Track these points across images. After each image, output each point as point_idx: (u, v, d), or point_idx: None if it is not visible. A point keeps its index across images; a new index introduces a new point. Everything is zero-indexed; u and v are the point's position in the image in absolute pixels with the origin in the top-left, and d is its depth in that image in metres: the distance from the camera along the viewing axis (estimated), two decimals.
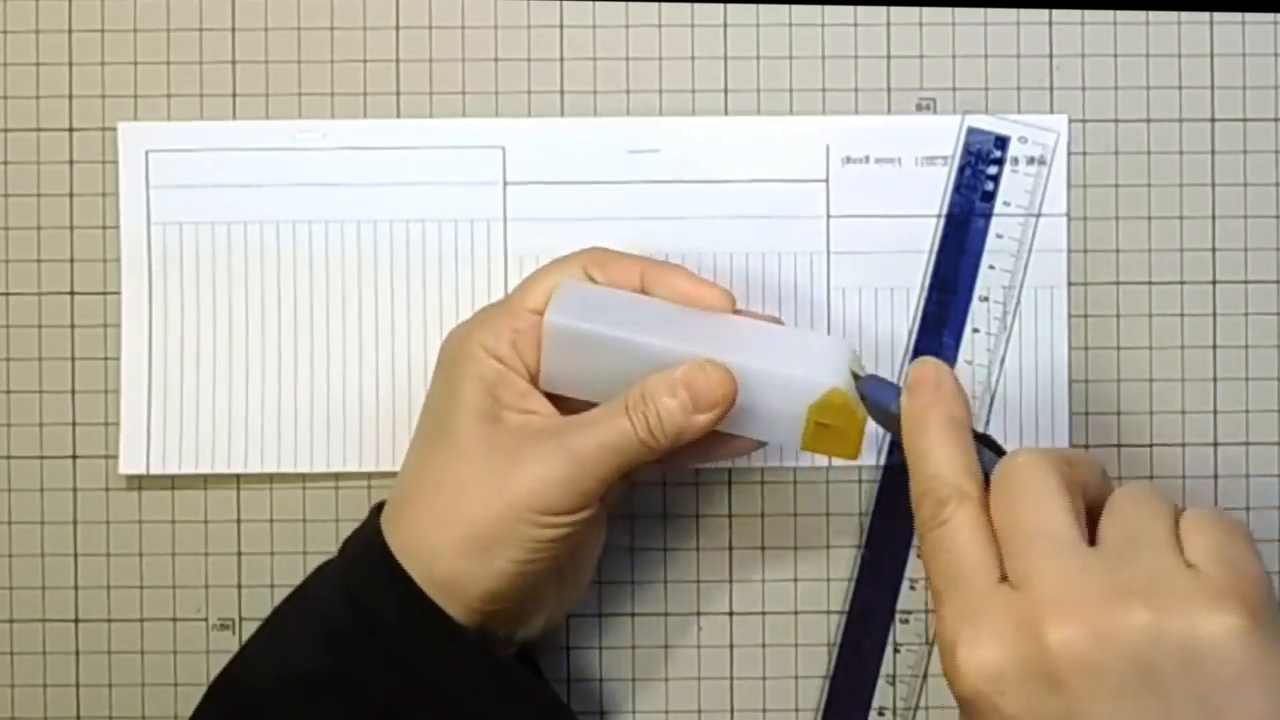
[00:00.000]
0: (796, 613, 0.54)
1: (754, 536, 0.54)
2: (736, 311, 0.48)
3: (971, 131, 0.54)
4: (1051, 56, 0.54)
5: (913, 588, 0.54)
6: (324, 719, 0.46)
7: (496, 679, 0.47)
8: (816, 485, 0.54)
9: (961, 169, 0.54)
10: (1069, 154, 0.54)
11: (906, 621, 0.54)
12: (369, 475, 0.54)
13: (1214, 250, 0.54)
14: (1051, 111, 0.54)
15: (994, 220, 0.54)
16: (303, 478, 0.54)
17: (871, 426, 0.47)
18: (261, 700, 0.47)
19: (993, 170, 0.54)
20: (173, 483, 0.54)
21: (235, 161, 0.54)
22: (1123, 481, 0.53)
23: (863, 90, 0.54)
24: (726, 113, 0.54)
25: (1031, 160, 0.54)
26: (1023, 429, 0.54)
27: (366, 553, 0.48)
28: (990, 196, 0.53)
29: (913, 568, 0.53)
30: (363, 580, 0.47)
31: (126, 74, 0.54)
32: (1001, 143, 0.54)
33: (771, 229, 0.54)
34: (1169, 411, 0.54)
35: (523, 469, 0.46)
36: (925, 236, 0.54)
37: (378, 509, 0.49)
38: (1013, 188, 0.53)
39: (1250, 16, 0.54)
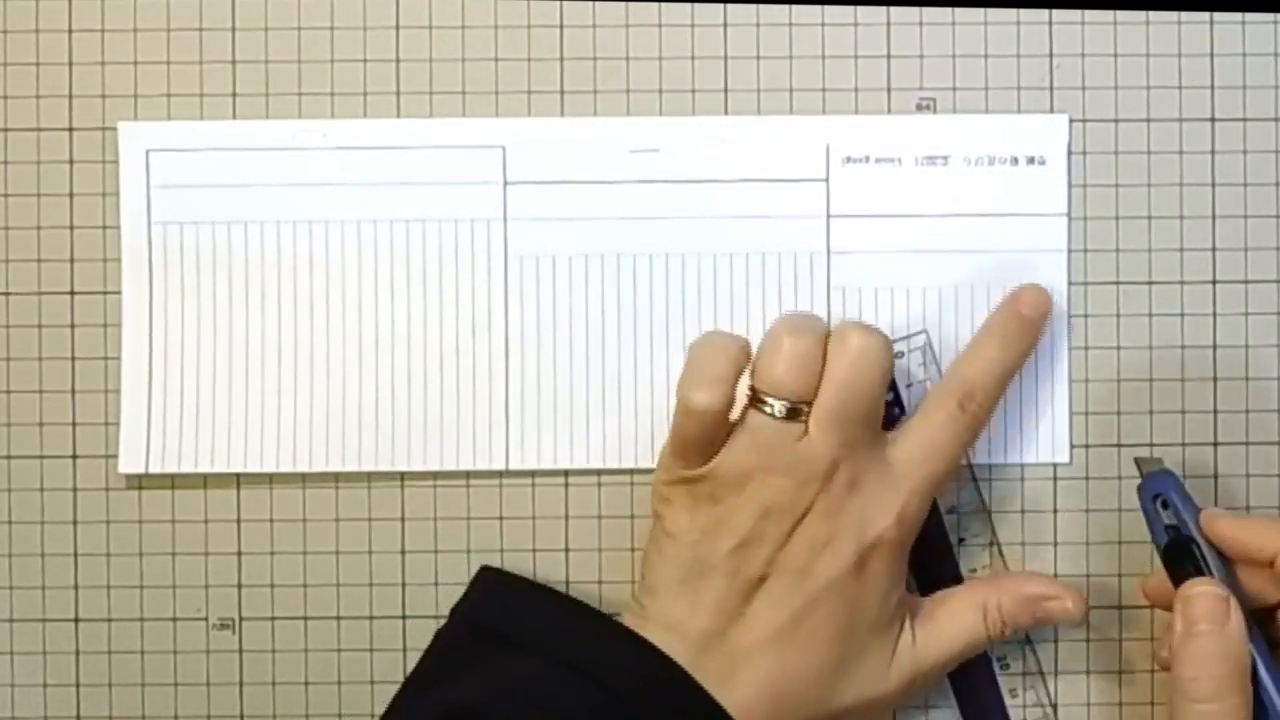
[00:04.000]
0: None
1: None
2: None
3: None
4: (1051, 56, 0.54)
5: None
6: None
7: None
8: None
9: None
10: (1069, 154, 0.54)
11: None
12: (369, 475, 0.54)
13: (1214, 250, 0.54)
14: (1051, 111, 0.54)
15: None
16: (303, 478, 0.54)
17: None
18: None
19: (890, 396, 0.52)
20: (173, 482, 0.54)
21: (235, 161, 0.54)
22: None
23: (863, 90, 0.54)
24: (726, 113, 0.54)
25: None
26: (1023, 429, 0.54)
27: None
28: None
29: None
30: None
31: (126, 74, 0.54)
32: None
33: (771, 229, 0.54)
34: (1169, 411, 0.54)
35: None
36: (925, 236, 0.54)
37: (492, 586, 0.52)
38: (911, 399, 0.53)
39: (1250, 16, 0.54)
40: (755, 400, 0.49)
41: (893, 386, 0.53)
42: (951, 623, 0.51)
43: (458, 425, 0.54)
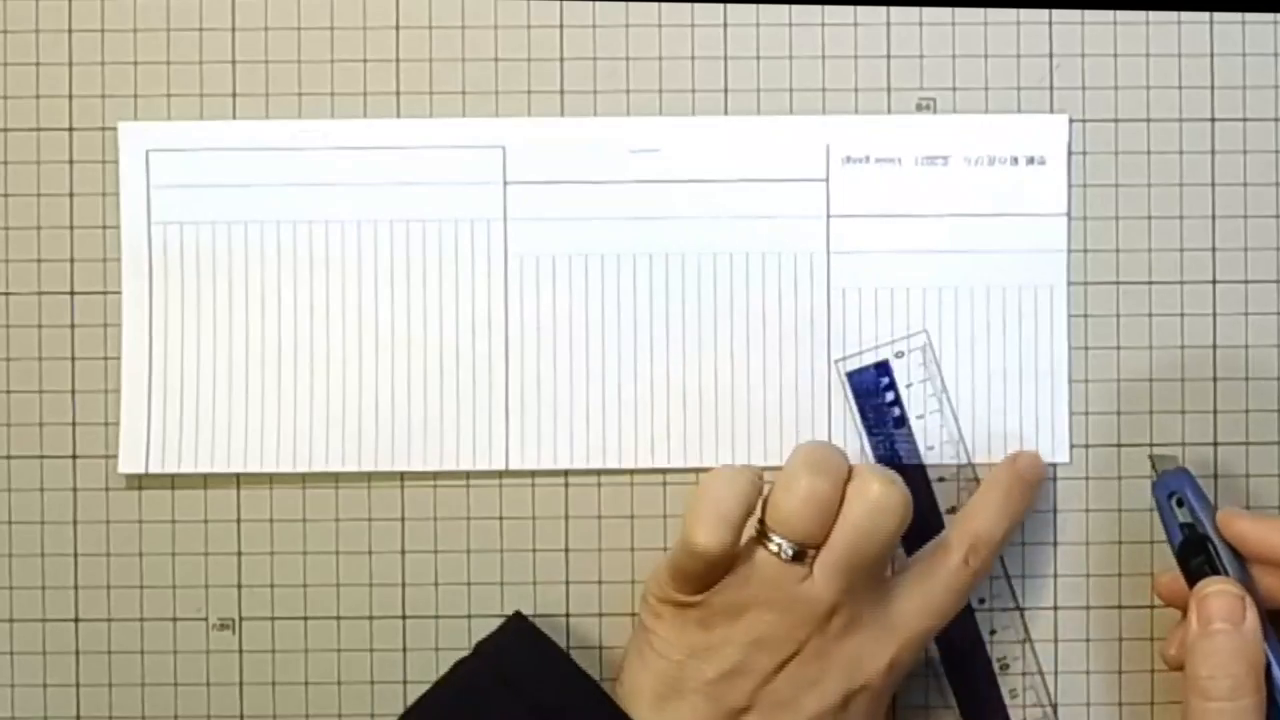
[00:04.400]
0: None
1: None
2: None
3: (851, 375, 0.53)
4: (1051, 56, 0.54)
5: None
6: None
7: None
8: None
9: (862, 411, 0.53)
10: (1069, 154, 0.54)
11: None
12: (369, 475, 0.54)
13: (1214, 250, 0.54)
14: (1051, 111, 0.54)
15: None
16: (303, 478, 0.54)
17: None
18: None
19: (890, 397, 0.53)
20: (173, 482, 0.54)
21: (235, 161, 0.54)
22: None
23: (863, 90, 0.54)
24: (726, 113, 0.54)
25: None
26: (1023, 429, 0.54)
27: None
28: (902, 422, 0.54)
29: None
30: None
31: (126, 74, 0.54)
32: (882, 368, 0.53)
33: (771, 229, 0.54)
34: (1169, 411, 0.54)
35: None
36: (925, 236, 0.54)
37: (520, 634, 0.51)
38: (912, 399, 0.54)
39: (1250, 16, 0.54)
40: (762, 535, 0.48)
41: (891, 385, 0.53)
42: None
43: (458, 425, 0.54)
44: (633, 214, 0.54)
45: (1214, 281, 0.54)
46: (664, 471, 0.54)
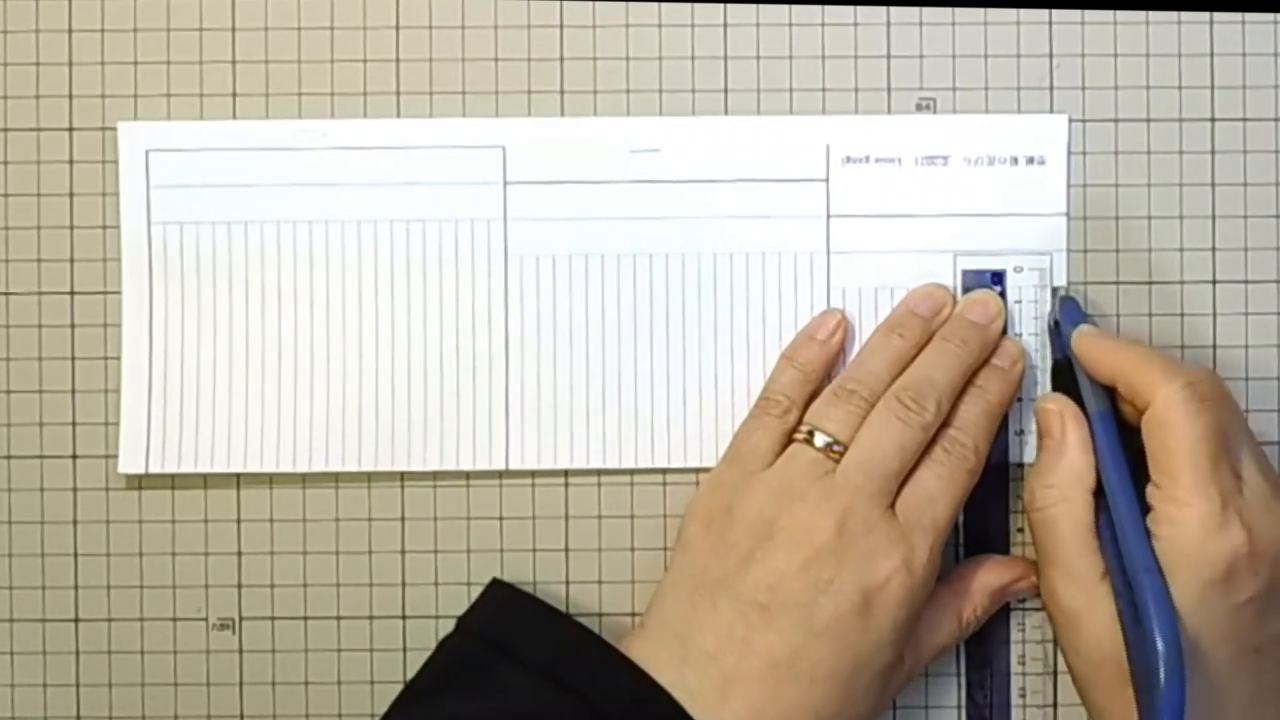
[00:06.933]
0: None
1: None
2: None
3: (965, 274, 0.54)
4: (1051, 56, 0.54)
5: None
6: None
7: None
8: None
9: None
10: (1069, 154, 0.54)
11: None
12: (369, 475, 0.54)
13: (1214, 250, 0.54)
14: (1051, 111, 0.54)
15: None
16: (303, 478, 0.54)
17: None
18: None
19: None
20: (173, 482, 0.54)
21: (235, 161, 0.54)
22: None
23: (863, 90, 0.54)
24: (726, 113, 0.54)
25: (1036, 286, 0.54)
26: (1024, 429, 0.54)
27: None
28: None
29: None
30: None
31: (126, 74, 0.54)
32: (998, 277, 0.54)
33: (771, 229, 0.54)
34: None
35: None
36: (925, 236, 0.54)
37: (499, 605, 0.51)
38: (1020, 316, 0.54)
39: (1250, 16, 0.54)
40: (798, 431, 0.51)
41: None
42: (934, 640, 0.51)
43: (458, 425, 0.54)
44: (633, 214, 0.54)
45: (1214, 281, 0.54)
46: (664, 471, 0.54)
